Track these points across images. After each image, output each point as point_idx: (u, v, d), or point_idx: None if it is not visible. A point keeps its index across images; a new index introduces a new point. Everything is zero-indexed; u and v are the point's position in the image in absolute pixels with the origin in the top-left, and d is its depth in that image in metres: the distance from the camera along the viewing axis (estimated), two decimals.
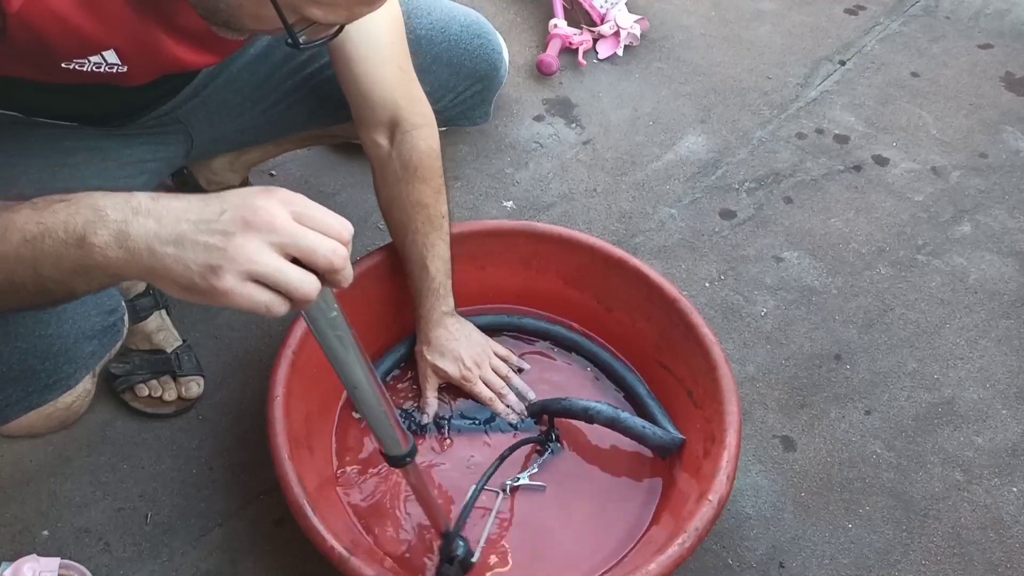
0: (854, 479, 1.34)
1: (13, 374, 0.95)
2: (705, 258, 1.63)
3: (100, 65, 0.93)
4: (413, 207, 1.24)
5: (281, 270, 0.68)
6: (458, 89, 1.35)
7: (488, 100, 1.44)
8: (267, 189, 0.70)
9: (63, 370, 0.98)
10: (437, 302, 1.29)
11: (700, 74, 2.01)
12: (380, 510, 1.23)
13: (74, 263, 0.71)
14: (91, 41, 0.90)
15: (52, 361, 0.97)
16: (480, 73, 1.36)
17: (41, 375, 0.97)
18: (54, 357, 0.97)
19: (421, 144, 1.23)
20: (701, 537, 1.07)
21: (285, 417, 1.15)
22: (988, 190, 1.78)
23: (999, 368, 1.48)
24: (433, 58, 1.31)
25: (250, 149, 1.44)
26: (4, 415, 0.97)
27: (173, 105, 1.20)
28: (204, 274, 0.67)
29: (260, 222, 0.68)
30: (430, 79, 1.30)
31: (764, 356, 1.49)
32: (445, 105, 1.35)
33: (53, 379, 0.98)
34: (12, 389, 0.96)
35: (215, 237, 0.68)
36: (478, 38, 1.35)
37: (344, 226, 0.72)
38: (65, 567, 1.00)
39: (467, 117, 1.43)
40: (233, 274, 0.67)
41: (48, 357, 0.96)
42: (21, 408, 0.98)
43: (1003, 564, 1.26)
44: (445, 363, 1.30)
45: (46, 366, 0.97)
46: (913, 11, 2.20)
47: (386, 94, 1.19)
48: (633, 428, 1.25)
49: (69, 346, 0.98)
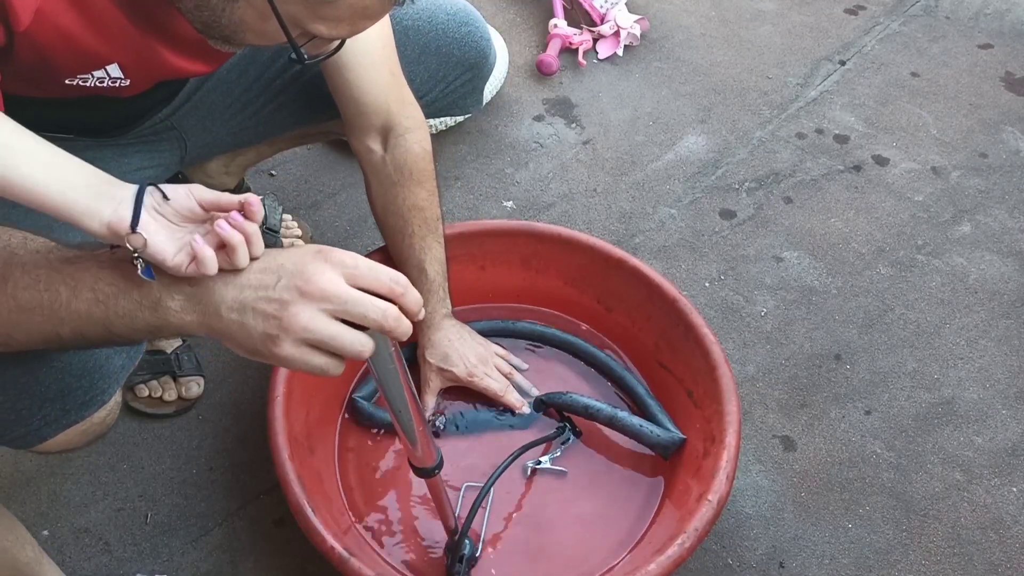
0: (854, 479, 1.34)
1: (51, 393, 0.95)
2: (705, 258, 1.63)
3: (103, 79, 0.95)
4: (409, 211, 1.24)
5: (335, 335, 0.72)
6: (448, 79, 1.35)
7: (479, 88, 1.43)
8: (320, 252, 0.73)
9: (98, 386, 0.99)
10: (437, 305, 1.29)
11: (700, 74, 2.01)
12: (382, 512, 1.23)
13: (148, 324, 0.75)
14: (95, 57, 0.91)
15: (88, 378, 0.97)
16: (470, 61, 1.36)
17: (78, 392, 0.97)
18: (89, 374, 0.97)
19: (415, 147, 1.23)
20: (701, 537, 1.07)
21: (285, 417, 1.15)
22: (988, 190, 1.78)
23: (999, 368, 1.48)
24: (421, 48, 1.31)
25: (244, 151, 1.44)
26: (42, 434, 0.97)
27: (167, 112, 1.20)
28: (264, 341, 0.72)
29: (313, 290, 0.71)
30: (419, 69, 1.30)
31: (764, 356, 1.49)
32: (436, 95, 1.35)
33: (89, 395, 0.98)
34: (50, 408, 0.96)
35: (272, 306, 0.71)
36: (465, 26, 1.35)
37: (396, 281, 0.74)
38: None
39: (459, 106, 1.43)
40: (290, 342, 0.71)
41: (84, 374, 0.97)
42: (59, 426, 0.98)
43: (1003, 564, 1.26)
44: (450, 364, 1.30)
45: (82, 383, 0.97)
46: (913, 11, 2.20)
47: (379, 99, 1.19)
48: (631, 427, 1.25)
49: (102, 362, 0.98)
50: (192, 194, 0.75)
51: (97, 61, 0.92)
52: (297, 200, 1.70)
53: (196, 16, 0.87)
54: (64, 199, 0.72)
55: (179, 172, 1.45)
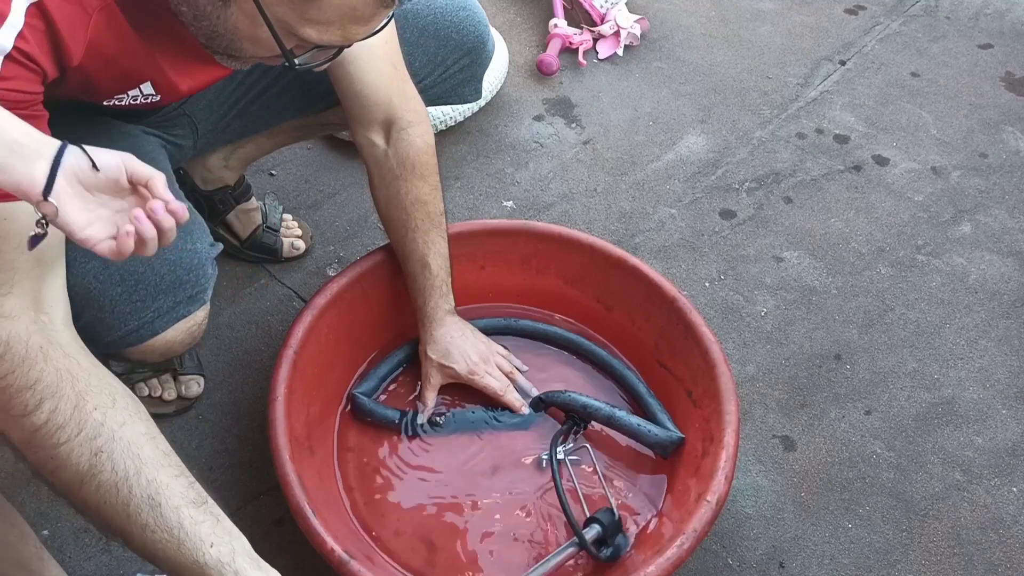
0: (854, 479, 1.34)
1: (164, 284, 1.04)
2: (705, 258, 1.63)
3: (137, 97, 1.00)
4: (412, 204, 1.24)
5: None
6: (447, 63, 1.36)
7: (478, 76, 1.43)
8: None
9: (201, 283, 1.07)
10: (440, 300, 1.29)
11: (700, 74, 2.01)
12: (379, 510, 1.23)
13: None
14: (132, 77, 0.96)
15: (195, 272, 1.06)
16: (468, 45, 1.36)
17: (187, 285, 1.05)
18: (196, 268, 1.06)
19: (418, 141, 1.23)
20: (700, 538, 1.07)
21: (285, 417, 1.15)
22: (988, 190, 1.78)
23: (999, 368, 1.48)
24: (420, 31, 1.31)
25: (244, 143, 1.45)
26: (154, 327, 1.04)
27: (171, 106, 1.21)
28: None
29: None
30: (418, 53, 1.31)
31: (764, 356, 1.49)
32: (435, 80, 1.36)
33: (196, 290, 1.06)
34: (164, 299, 1.04)
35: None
36: (463, 10, 1.36)
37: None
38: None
39: (458, 94, 1.43)
40: None
41: (192, 268, 1.05)
42: (171, 318, 1.05)
43: (1003, 564, 1.26)
44: (451, 361, 1.30)
45: (191, 277, 1.05)
46: (913, 11, 2.20)
47: (381, 92, 1.19)
48: (629, 426, 1.25)
49: (204, 260, 1.07)
50: (125, 165, 0.72)
51: (134, 81, 0.97)
52: (297, 200, 1.70)
53: (197, 29, 0.89)
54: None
55: (180, 168, 1.46)
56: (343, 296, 1.30)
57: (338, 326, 1.30)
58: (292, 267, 1.59)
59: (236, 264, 1.57)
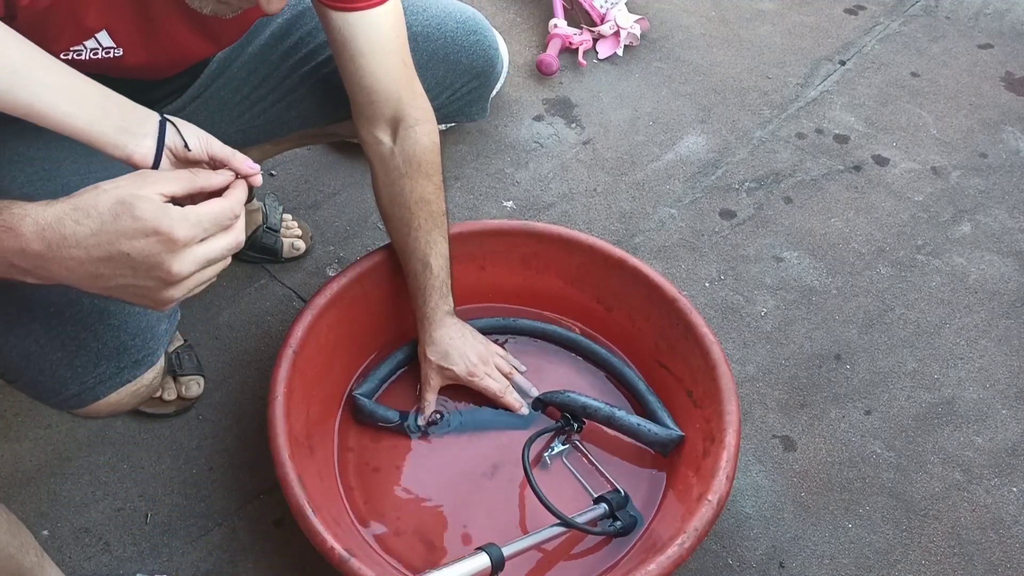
0: (854, 479, 1.34)
1: (107, 351, 1.00)
2: (705, 258, 1.63)
3: (96, 50, 0.96)
4: (416, 203, 1.23)
5: (212, 260, 0.79)
6: (455, 86, 1.35)
7: (485, 96, 1.43)
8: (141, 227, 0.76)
9: (149, 346, 1.04)
10: (440, 301, 1.28)
11: (700, 74, 2.01)
12: (379, 508, 1.23)
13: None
14: (85, 24, 0.93)
15: (141, 337, 1.03)
16: (477, 69, 1.36)
17: (132, 351, 1.02)
18: (142, 333, 1.03)
19: (424, 139, 1.22)
20: (700, 537, 1.07)
21: (285, 417, 1.15)
22: (988, 190, 1.78)
23: (999, 368, 1.48)
24: (430, 55, 1.31)
25: (248, 149, 1.44)
26: (96, 392, 1.02)
27: (177, 107, 1.21)
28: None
29: (174, 276, 0.78)
30: (427, 76, 1.30)
31: (764, 356, 1.49)
32: (443, 102, 1.35)
33: (142, 354, 1.04)
34: (106, 365, 1.01)
35: (146, 289, 0.79)
36: (474, 34, 1.35)
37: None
38: None
39: (464, 113, 1.43)
40: (182, 289, 0.79)
41: (138, 333, 1.02)
42: (114, 384, 1.02)
43: (1003, 564, 1.26)
44: (451, 362, 1.30)
45: (136, 342, 1.02)
46: (913, 11, 2.20)
47: (390, 88, 1.18)
48: (629, 425, 1.25)
49: (153, 323, 1.04)
50: (204, 146, 0.83)
51: (87, 28, 0.94)
52: (297, 200, 1.70)
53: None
54: (91, 131, 0.79)
55: None
56: (343, 296, 1.30)
57: (338, 326, 1.30)
58: (292, 267, 1.59)
59: (236, 264, 1.57)
